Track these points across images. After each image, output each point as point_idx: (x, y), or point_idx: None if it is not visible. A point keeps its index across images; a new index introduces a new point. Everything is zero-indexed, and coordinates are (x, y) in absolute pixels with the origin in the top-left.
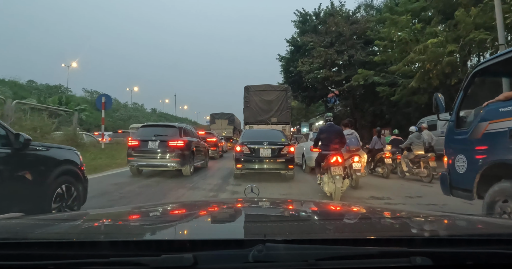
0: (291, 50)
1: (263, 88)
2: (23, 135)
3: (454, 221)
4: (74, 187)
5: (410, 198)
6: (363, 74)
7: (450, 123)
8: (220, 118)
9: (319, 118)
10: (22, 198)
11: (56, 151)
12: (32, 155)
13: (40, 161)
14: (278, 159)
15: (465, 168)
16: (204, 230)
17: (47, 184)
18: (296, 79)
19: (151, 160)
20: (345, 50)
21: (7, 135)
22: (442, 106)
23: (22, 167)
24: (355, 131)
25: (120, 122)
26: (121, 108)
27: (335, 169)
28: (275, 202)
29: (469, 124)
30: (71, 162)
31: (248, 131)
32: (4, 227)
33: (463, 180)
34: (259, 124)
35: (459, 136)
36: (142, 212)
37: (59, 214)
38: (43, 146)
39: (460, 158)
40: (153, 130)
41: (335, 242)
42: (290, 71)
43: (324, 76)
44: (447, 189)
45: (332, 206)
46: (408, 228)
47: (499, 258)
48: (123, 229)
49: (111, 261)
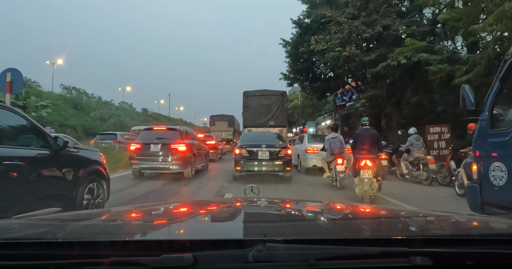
0: (297, 32)
1: (261, 93)
2: (61, 138)
3: (454, 221)
4: (100, 185)
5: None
6: (411, 48)
7: (482, 122)
8: (220, 120)
9: (326, 117)
10: (59, 195)
11: (85, 152)
12: (67, 156)
13: (74, 162)
14: (276, 161)
15: (504, 179)
16: (204, 230)
17: (79, 182)
18: (305, 67)
19: (153, 163)
20: (376, 21)
21: (46, 138)
22: (470, 100)
23: (59, 167)
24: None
25: (99, 122)
26: (101, 106)
27: (364, 172)
28: (275, 202)
29: (509, 123)
30: (97, 162)
31: (247, 134)
32: (4, 227)
33: (500, 195)
34: (258, 127)
35: (495, 139)
36: (142, 212)
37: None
38: (75, 147)
39: (497, 166)
40: (155, 133)
41: (335, 242)
42: (298, 56)
43: (349, 55)
44: (477, 204)
45: (332, 206)
46: (408, 228)
47: (499, 258)
48: (123, 229)
49: (111, 261)
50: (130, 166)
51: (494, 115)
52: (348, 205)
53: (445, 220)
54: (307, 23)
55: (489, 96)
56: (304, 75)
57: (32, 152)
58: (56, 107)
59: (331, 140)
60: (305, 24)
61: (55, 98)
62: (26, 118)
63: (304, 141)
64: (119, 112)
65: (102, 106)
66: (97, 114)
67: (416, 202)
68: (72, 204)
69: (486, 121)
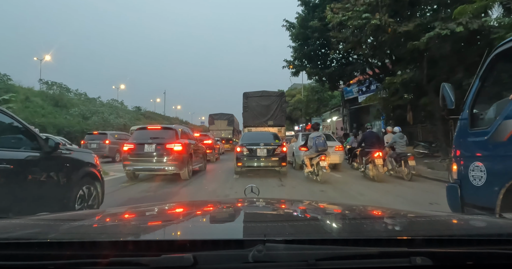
0: (303, 11)
1: (260, 93)
2: (52, 139)
3: (454, 221)
4: (93, 188)
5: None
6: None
7: (462, 121)
8: (219, 119)
9: (334, 112)
10: (50, 199)
11: (78, 154)
12: (59, 158)
13: (67, 164)
14: (272, 158)
15: (483, 179)
16: (204, 230)
17: (72, 186)
18: (314, 49)
19: (147, 164)
20: None
21: (37, 140)
22: (450, 98)
23: (51, 170)
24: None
25: (79, 119)
26: (84, 103)
27: (378, 160)
28: (275, 202)
29: (489, 122)
30: (91, 164)
31: (246, 133)
32: (4, 227)
33: (480, 196)
34: (257, 126)
35: (474, 138)
36: (142, 212)
37: (59, 214)
38: (67, 149)
39: (477, 166)
40: (149, 132)
41: (335, 242)
42: (306, 37)
43: (380, 23)
44: (457, 205)
45: (332, 206)
46: (408, 228)
47: (499, 258)
48: (123, 229)
49: (111, 261)
50: (123, 168)
51: (474, 114)
52: (348, 205)
53: (445, 220)
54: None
55: (469, 95)
56: (314, 60)
57: (21, 155)
58: (31, 103)
59: (316, 138)
60: (311, 3)
61: (34, 94)
62: (14, 118)
63: (298, 139)
64: (103, 109)
65: (86, 103)
66: (77, 111)
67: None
68: (64, 208)
69: (466, 120)
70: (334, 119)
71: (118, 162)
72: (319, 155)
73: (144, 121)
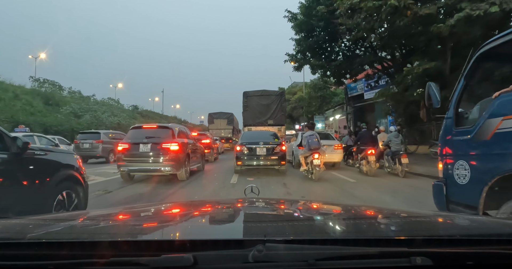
0: (307, 1)
1: (260, 93)
2: (21, 139)
3: (454, 221)
4: (75, 194)
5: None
6: None
7: (447, 120)
8: (219, 118)
9: (337, 110)
10: (21, 206)
11: (55, 155)
12: (31, 160)
13: (40, 167)
14: (272, 157)
15: (467, 178)
16: (204, 230)
17: (47, 191)
18: (320, 40)
19: (143, 164)
20: None
21: (3, 139)
22: (436, 97)
23: (20, 174)
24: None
25: (70, 117)
26: (76, 101)
27: (371, 157)
28: (275, 202)
29: (473, 121)
30: (71, 166)
31: (246, 132)
32: (4, 227)
33: (464, 194)
34: (257, 126)
35: (459, 137)
36: (141, 212)
37: (59, 214)
38: (41, 150)
39: (461, 165)
40: (145, 132)
41: (335, 242)
42: (311, 26)
43: (399, 5)
44: (442, 203)
45: (332, 206)
46: (408, 228)
47: (499, 258)
48: (123, 229)
49: (111, 261)
50: (118, 169)
51: (459, 113)
52: (348, 205)
53: (445, 220)
54: None
55: (455, 94)
56: (318, 53)
57: None
58: (19, 101)
59: (309, 137)
60: None
61: (24, 92)
62: None
63: (298, 138)
64: (97, 108)
65: (78, 101)
66: (68, 109)
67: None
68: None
69: (451, 119)
70: (337, 117)
71: (112, 163)
72: (312, 154)
73: (141, 120)
